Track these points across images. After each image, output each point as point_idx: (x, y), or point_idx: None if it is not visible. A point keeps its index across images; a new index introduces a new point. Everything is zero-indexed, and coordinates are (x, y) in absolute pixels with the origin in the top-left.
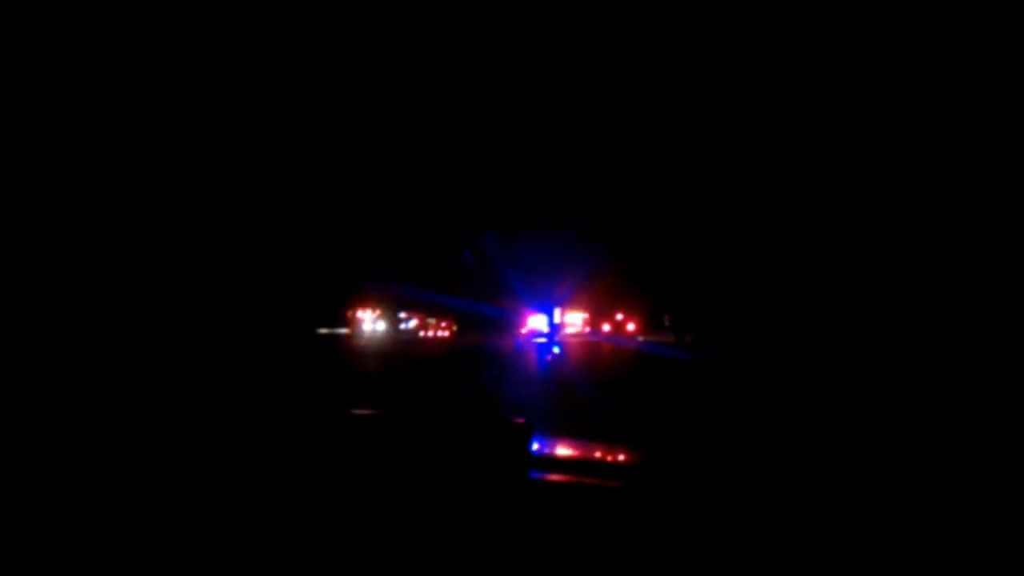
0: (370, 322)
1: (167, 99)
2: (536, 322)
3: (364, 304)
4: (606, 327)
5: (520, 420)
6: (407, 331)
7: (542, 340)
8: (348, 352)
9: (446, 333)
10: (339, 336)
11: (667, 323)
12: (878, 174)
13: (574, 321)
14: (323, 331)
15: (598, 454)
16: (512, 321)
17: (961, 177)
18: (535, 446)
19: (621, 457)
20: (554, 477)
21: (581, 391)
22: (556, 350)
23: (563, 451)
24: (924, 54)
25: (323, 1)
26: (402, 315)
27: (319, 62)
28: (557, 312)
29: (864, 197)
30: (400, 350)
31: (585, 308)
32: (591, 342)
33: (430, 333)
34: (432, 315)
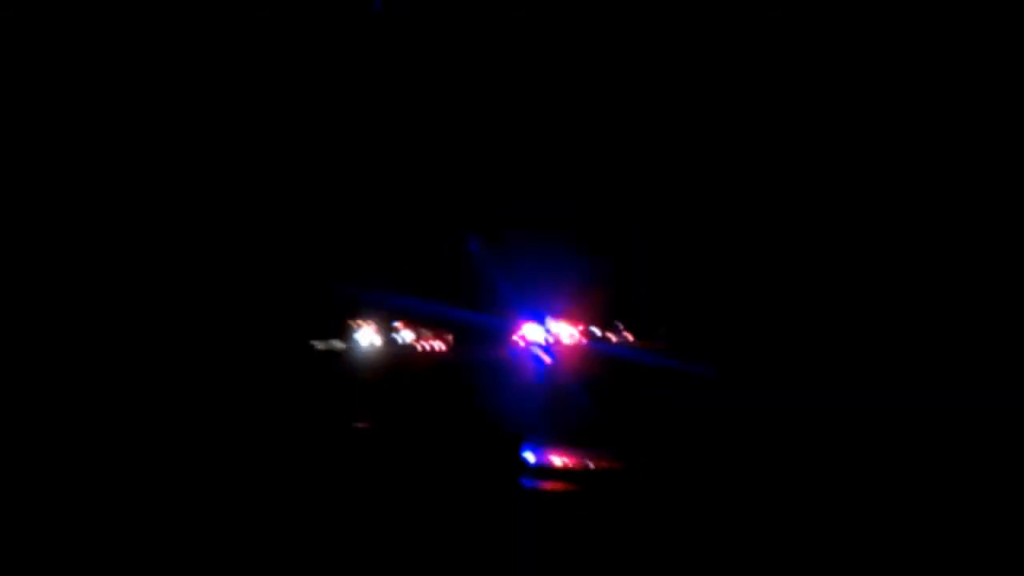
0: (365, 334)
1: (157, 102)
2: (531, 332)
3: (359, 316)
4: (609, 336)
5: (512, 430)
6: (402, 343)
7: (536, 350)
8: (344, 364)
9: (442, 345)
10: (334, 348)
11: (661, 331)
12: (885, 177)
13: (569, 330)
14: (319, 344)
15: (588, 462)
16: (506, 331)
17: (967, 177)
18: (527, 455)
19: (609, 464)
20: (545, 484)
21: (573, 400)
22: (548, 360)
23: (554, 459)
24: (927, 51)
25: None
26: (397, 326)
27: (314, 67)
28: (551, 321)
29: (872, 199)
30: (396, 362)
31: (580, 317)
32: (585, 350)
33: (426, 345)
34: (427, 326)
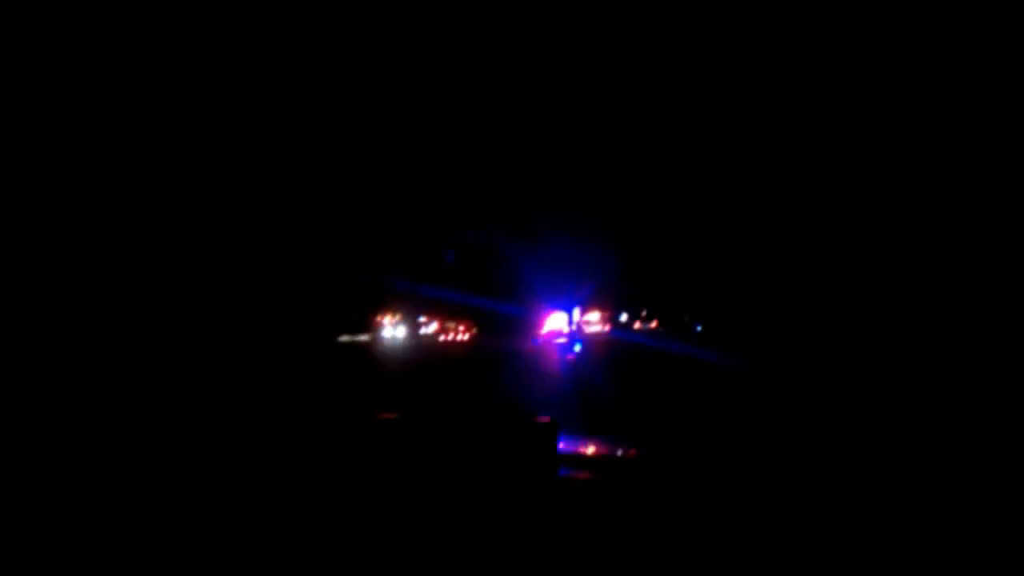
0: (390, 328)
1: (177, 100)
2: (556, 321)
3: (383, 310)
4: (634, 324)
5: (546, 419)
6: (427, 335)
7: (563, 340)
8: (373, 357)
9: (466, 336)
10: (361, 342)
11: (686, 319)
12: (886, 177)
13: (595, 319)
14: (345, 338)
15: (620, 451)
16: (532, 321)
17: (965, 178)
18: (561, 444)
19: (641, 454)
20: (581, 474)
21: (603, 389)
22: (577, 348)
23: (588, 448)
24: (925, 53)
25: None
26: (422, 319)
27: (334, 66)
28: (577, 311)
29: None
30: (423, 354)
31: (606, 306)
32: (612, 340)
33: (450, 336)
34: (451, 318)
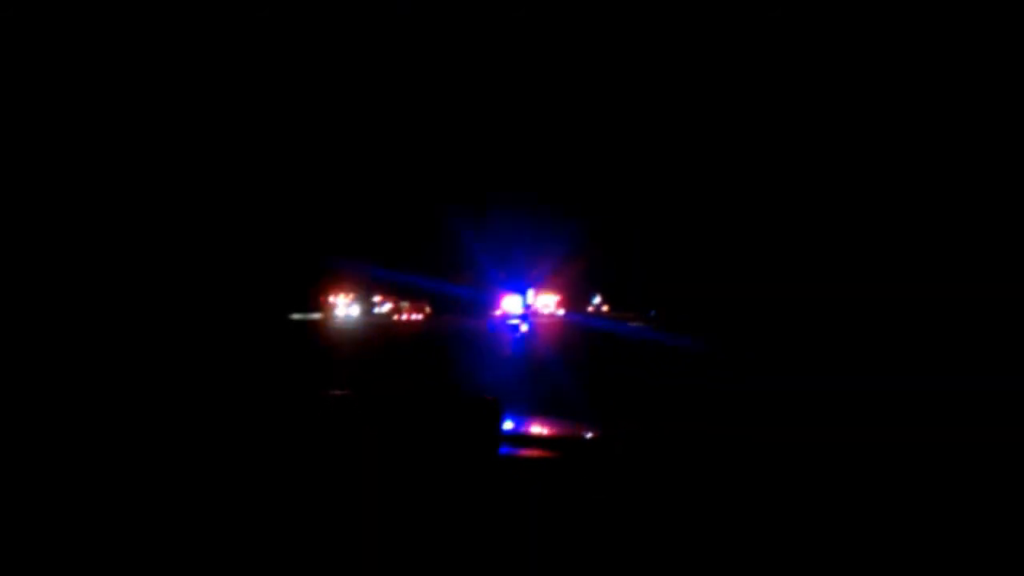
0: (343, 306)
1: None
2: (510, 303)
3: (337, 288)
4: (598, 307)
5: (490, 398)
6: (381, 314)
7: (515, 321)
8: (323, 336)
9: (420, 316)
10: (312, 321)
11: (639, 304)
12: (877, 175)
13: (548, 302)
14: (296, 316)
15: (566, 430)
16: (486, 303)
17: (962, 178)
18: (506, 423)
19: (587, 433)
20: (524, 453)
21: (551, 369)
22: (524, 328)
23: (533, 428)
24: (925, 53)
25: None
26: (376, 299)
27: (288, 41)
28: (531, 293)
29: (861, 197)
30: (375, 333)
31: (559, 289)
32: (564, 322)
33: (404, 316)
34: (406, 298)
